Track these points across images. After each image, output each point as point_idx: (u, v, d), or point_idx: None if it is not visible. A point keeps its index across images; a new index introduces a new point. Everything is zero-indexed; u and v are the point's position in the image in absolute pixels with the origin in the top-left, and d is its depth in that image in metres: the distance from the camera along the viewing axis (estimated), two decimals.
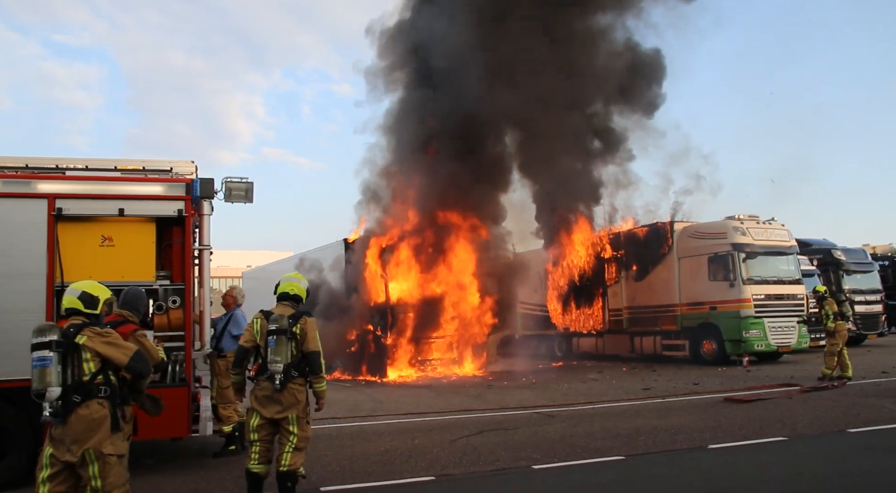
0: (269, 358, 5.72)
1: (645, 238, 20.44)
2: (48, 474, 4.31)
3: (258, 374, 5.86)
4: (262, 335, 5.84)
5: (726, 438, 8.18)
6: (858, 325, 22.11)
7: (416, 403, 12.42)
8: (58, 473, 4.32)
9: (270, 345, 5.73)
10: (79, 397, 4.32)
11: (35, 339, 4.33)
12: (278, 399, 5.74)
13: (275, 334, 5.74)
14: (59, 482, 4.33)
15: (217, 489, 6.60)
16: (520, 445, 8.17)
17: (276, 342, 5.73)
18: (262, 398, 5.78)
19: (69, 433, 4.29)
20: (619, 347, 21.17)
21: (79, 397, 4.32)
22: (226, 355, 8.52)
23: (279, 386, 5.71)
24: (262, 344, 5.85)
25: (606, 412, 10.75)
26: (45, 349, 4.28)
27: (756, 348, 17.54)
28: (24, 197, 7.06)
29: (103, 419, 4.37)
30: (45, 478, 4.31)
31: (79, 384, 4.35)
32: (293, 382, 5.78)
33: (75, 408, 4.31)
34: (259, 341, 5.88)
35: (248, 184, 8.11)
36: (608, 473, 6.86)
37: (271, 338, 5.74)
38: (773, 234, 18.51)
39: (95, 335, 4.44)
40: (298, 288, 6.14)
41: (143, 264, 7.35)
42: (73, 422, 4.29)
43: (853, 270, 23.40)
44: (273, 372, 5.69)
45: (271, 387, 5.73)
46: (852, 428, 8.52)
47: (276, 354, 5.70)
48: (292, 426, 5.74)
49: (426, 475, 6.85)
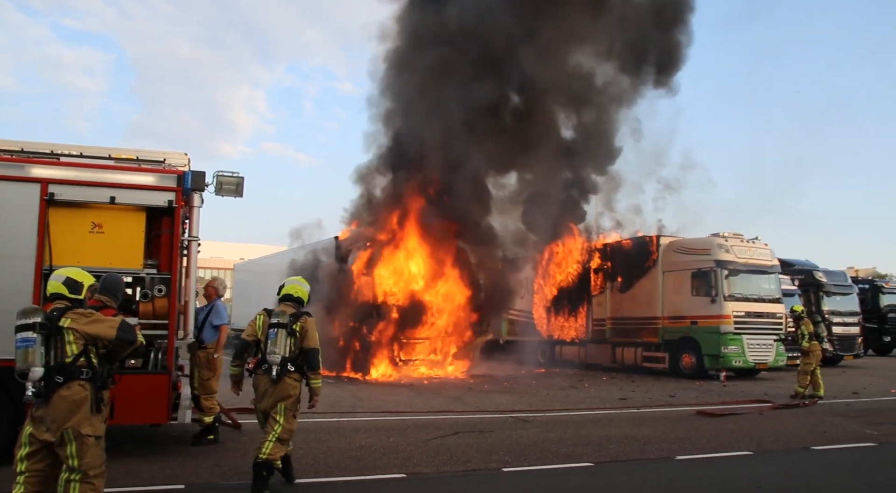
0: (267, 349, 6.06)
1: (631, 251, 20.70)
2: (26, 452, 4.46)
3: (256, 367, 6.22)
4: (264, 330, 6.20)
5: (694, 450, 8.37)
6: (836, 346, 22.49)
7: (395, 402, 12.58)
8: (36, 451, 4.47)
9: (270, 337, 6.08)
10: (61, 378, 4.47)
11: (19, 321, 4.48)
12: (272, 392, 6.06)
13: (275, 328, 6.11)
14: (36, 461, 4.48)
15: (192, 476, 6.72)
16: (492, 447, 8.34)
17: (276, 335, 6.08)
18: (260, 392, 6.15)
19: (50, 412, 4.44)
20: (601, 356, 21.39)
21: (61, 379, 4.47)
22: (206, 346, 8.66)
23: (276, 377, 6.03)
24: (262, 339, 6.19)
25: (581, 419, 10.94)
26: (28, 331, 4.44)
27: (734, 364, 17.80)
28: (18, 180, 7.16)
29: (84, 400, 4.52)
30: (23, 456, 4.47)
31: (61, 366, 4.50)
32: (289, 376, 6.10)
33: (57, 389, 4.45)
34: (260, 335, 6.22)
35: (239, 178, 8.24)
36: (575, 478, 7.04)
37: (272, 331, 6.10)
38: (755, 252, 18.79)
39: (79, 317, 4.59)
40: (301, 291, 6.52)
41: (131, 252, 7.47)
42: (55, 402, 4.44)
43: (833, 291, 23.81)
44: (271, 363, 6.03)
45: (268, 379, 6.08)
46: (816, 446, 8.73)
47: (274, 345, 6.05)
48: (279, 416, 6.05)
49: (398, 472, 6.99)
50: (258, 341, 6.26)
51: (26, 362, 4.40)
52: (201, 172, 7.82)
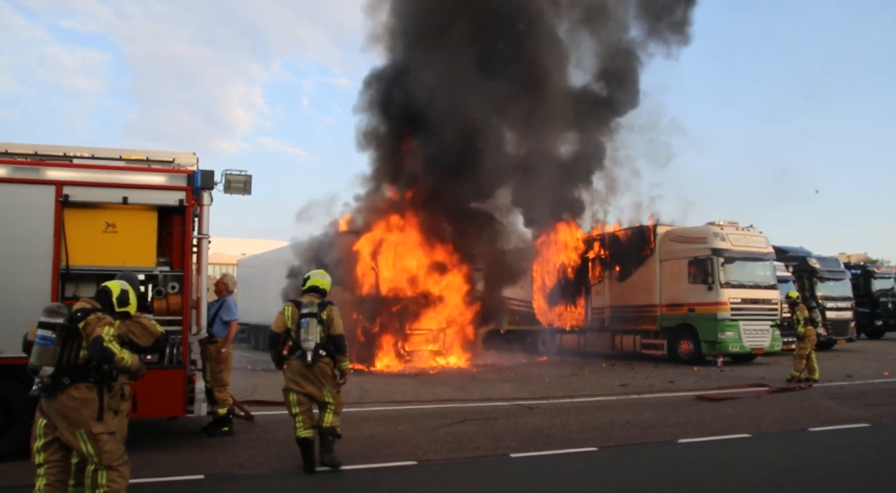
0: (301, 337, 6.70)
1: (629, 240, 20.95)
2: (42, 443, 4.64)
3: (290, 353, 6.82)
4: (294, 320, 6.84)
5: (695, 433, 8.62)
6: (829, 330, 22.83)
7: (401, 392, 12.82)
8: (51, 442, 4.65)
9: (303, 326, 6.72)
10: (69, 379, 4.60)
11: (43, 318, 4.63)
12: (312, 377, 6.74)
13: (307, 317, 6.75)
14: (53, 451, 4.66)
15: (210, 467, 6.94)
16: (499, 434, 8.58)
17: (308, 324, 6.73)
18: (296, 376, 6.74)
19: (55, 407, 4.59)
20: (600, 344, 21.66)
21: (68, 380, 4.60)
22: (216, 341, 8.86)
23: (311, 362, 6.68)
24: (292, 328, 6.82)
25: (584, 406, 11.19)
26: (48, 330, 4.60)
27: (731, 350, 18.11)
28: (34, 183, 7.35)
29: (90, 401, 4.65)
30: (39, 448, 4.65)
31: (73, 367, 4.64)
32: (321, 360, 6.76)
33: (65, 389, 4.58)
34: (290, 325, 6.84)
35: (247, 176, 8.43)
36: (582, 463, 7.29)
37: (304, 321, 6.74)
38: (751, 240, 19.07)
39: (93, 320, 4.71)
40: (325, 283, 7.17)
41: (144, 251, 7.66)
42: (61, 399, 4.59)
43: (826, 277, 24.16)
44: (305, 349, 6.68)
45: (299, 364, 6.72)
46: (813, 427, 9.00)
47: (307, 333, 6.70)
48: (328, 398, 6.80)
49: (408, 459, 7.21)
50: (288, 330, 6.85)
51: (40, 360, 4.56)
52: (210, 171, 7.99)
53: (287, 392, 6.82)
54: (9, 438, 7.03)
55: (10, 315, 6.88)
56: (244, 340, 25.96)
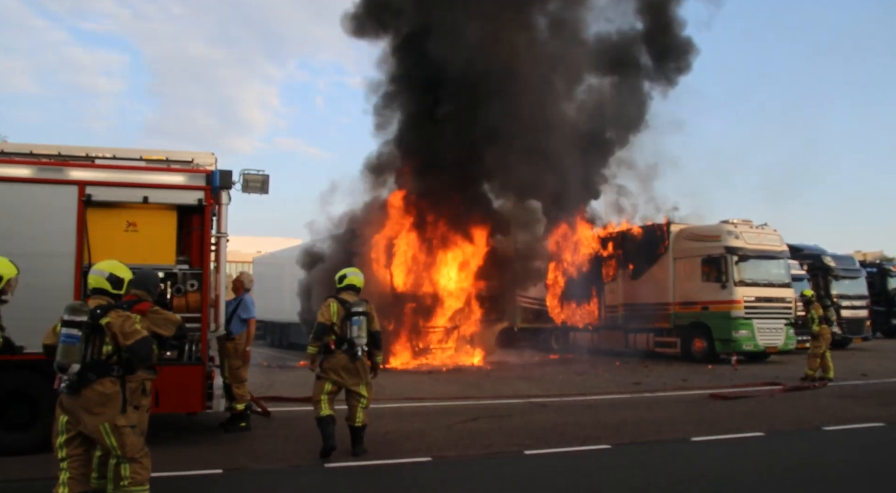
0: (355, 334, 7.13)
1: (642, 238, 20.93)
2: (64, 439, 4.77)
3: (337, 347, 7.21)
4: (339, 316, 7.23)
5: (708, 431, 8.64)
6: (844, 329, 22.71)
7: (416, 389, 12.93)
8: (73, 438, 4.77)
9: (356, 324, 7.15)
10: (94, 375, 4.72)
11: (67, 316, 4.72)
12: (355, 371, 7.21)
13: (360, 315, 7.20)
14: (75, 446, 4.78)
15: (228, 461, 7.06)
16: (513, 431, 8.66)
17: (361, 322, 7.18)
18: (339, 369, 7.19)
19: (80, 403, 4.71)
20: (614, 342, 21.68)
21: (94, 376, 4.72)
22: (234, 338, 8.99)
23: (360, 356, 7.18)
24: (337, 323, 7.21)
25: (597, 403, 11.25)
26: (74, 328, 4.68)
27: (745, 348, 18.07)
28: (57, 183, 7.50)
29: (114, 395, 4.78)
30: (61, 443, 4.77)
31: (97, 363, 4.75)
32: (365, 355, 7.27)
33: (90, 384, 4.71)
34: (335, 320, 7.22)
35: (265, 176, 8.56)
36: (594, 460, 7.35)
37: (356, 318, 7.17)
38: (765, 238, 19.01)
39: (118, 318, 4.84)
40: (360, 281, 7.66)
41: (164, 249, 7.78)
42: (85, 394, 4.70)
43: (841, 275, 24.01)
44: (359, 345, 7.15)
45: (346, 358, 7.17)
46: (827, 426, 9.01)
47: (361, 331, 7.16)
48: (364, 391, 7.27)
49: (423, 455, 7.31)
50: (333, 324, 7.22)
51: (68, 358, 4.64)
52: (228, 171, 8.12)
53: (323, 381, 7.22)
54: (32, 432, 7.17)
55: (34, 312, 6.96)
56: (260, 337, 26.18)
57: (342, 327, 7.20)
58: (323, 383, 7.23)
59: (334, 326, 7.22)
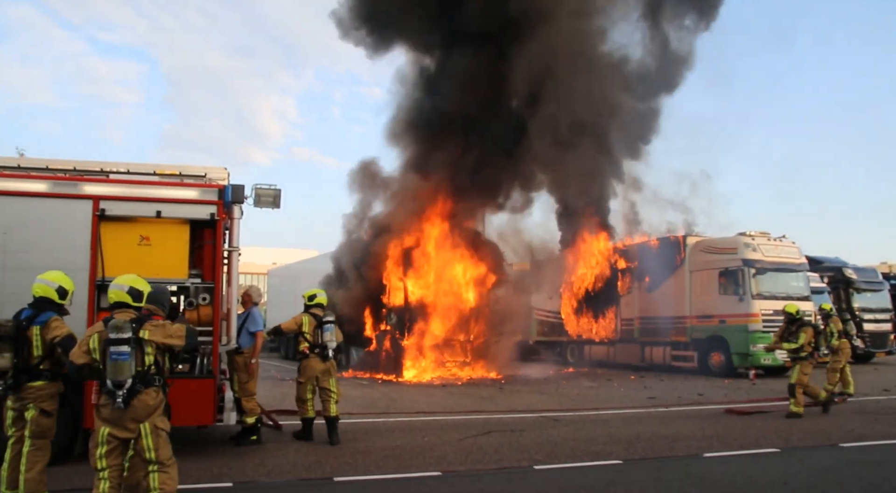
0: (327, 338, 8.88)
1: (658, 251, 20.80)
2: (105, 450, 4.94)
3: (311, 351, 8.91)
4: (311, 326, 8.95)
5: (722, 447, 8.54)
6: (867, 343, 22.32)
7: (428, 402, 12.90)
8: (114, 449, 4.96)
9: (328, 330, 8.91)
10: (142, 386, 4.97)
11: (113, 335, 4.89)
12: (326, 371, 8.86)
13: (331, 324, 8.97)
14: (115, 456, 5.00)
15: (239, 475, 7.08)
16: (524, 446, 8.61)
17: (332, 328, 8.95)
18: (316, 372, 8.86)
19: (130, 414, 4.91)
20: (629, 356, 21.53)
21: (142, 386, 4.97)
22: (242, 352, 9.03)
23: (329, 358, 8.89)
24: (308, 332, 8.94)
25: (610, 418, 11.15)
26: (124, 345, 4.89)
27: (763, 362, 17.85)
28: (72, 198, 7.63)
29: (160, 403, 5.10)
30: (102, 454, 4.94)
31: (143, 375, 4.97)
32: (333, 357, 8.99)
33: (138, 395, 4.93)
34: (306, 329, 8.94)
35: (277, 191, 8.62)
36: (605, 476, 7.27)
37: (328, 325, 8.93)
38: (783, 251, 18.81)
39: (154, 328, 5.06)
40: (325, 300, 9.42)
41: (176, 263, 7.87)
42: (135, 405, 4.93)
43: (863, 288, 23.63)
44: (330, 348, 8.89)
45: (319, 359, 8.86)
46: (844, 443, 8.85)
47: (332, 336, 8.93)
48: (333, 386, 8.87)
49: (433, 470, 7.28)
50: (302, 332, 8.96)
51: (123, 374, 4.86)
52: (241, 186, 8.21)
53: (305, 385, 8.88)
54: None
55: None
56: (275, 349, 26.33)
57: (314, 334, 8.87)
58: (305, 386, 8.84)
59: (305, 334, 8.89)
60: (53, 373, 5.87)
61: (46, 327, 5.77)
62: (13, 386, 5.72)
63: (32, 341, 5.76)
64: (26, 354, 5.75)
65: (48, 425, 5.84)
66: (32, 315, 5.83)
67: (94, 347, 4.96)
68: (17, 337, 5.73)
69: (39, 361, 5.78)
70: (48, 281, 5.98)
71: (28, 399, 5.76)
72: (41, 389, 5.79)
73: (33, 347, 5.76)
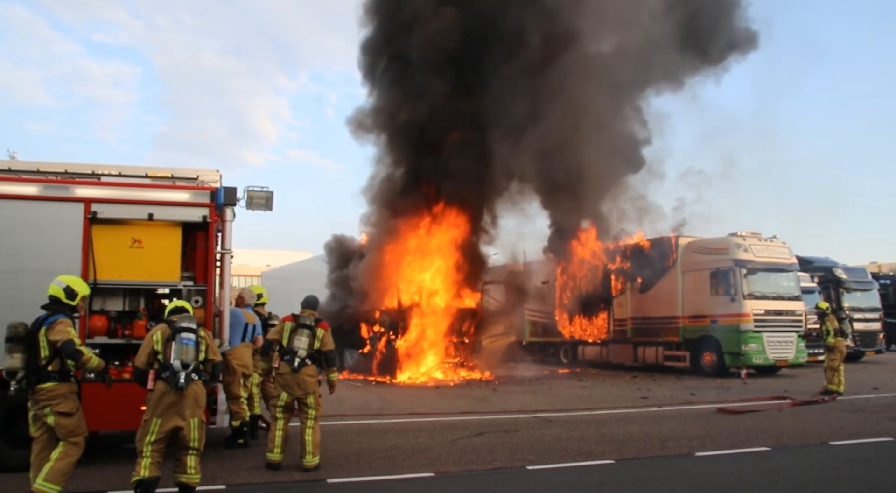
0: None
1: (650, 251, 20.88)
2: (154, 438, 5.78)
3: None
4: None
5: (713, 446, 8.59)
6: (857, 342, 22.50)
7: (422, 404, 12.92)
8: (161, 438, 5.82)
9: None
10: (196, 375, 5.90)
11: (186, 324, 5.94)
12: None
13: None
14: (159, 442, 5.83)
15: (232, 477, 7.09)
16: (517, 446, 8.63)
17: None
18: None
19: (185, 402, 5.82)
20: (622, 356, 21.59)
21: (195, 376, 5.89)
22: (225, 353, 9.00)
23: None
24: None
25: (603, 418, 11.19)
26: (192, 334, 5.91)
27: (754, 362, 17.95)
28: (64, 200, 7.61)
29: (204, 395, 6.05)
30: (150, 441, 5.77)
31: (196, 366, 5.92)
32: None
33: (192, 383, 5.83)
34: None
35: (269, 193, 8.62)
36: (597, 475, 7.30)
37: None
38: (774, 251, 18.92)
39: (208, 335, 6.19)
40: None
41: (168, 266, 7.88)
42: (188, 394, 5.82)
43: (853, 288, 23.88)
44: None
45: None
46: (834, 441, 8.91)
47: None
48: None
49: (426, 471, 7.30)
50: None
51: (190, 357, 5.83)
52: (233, 188, 8.20)
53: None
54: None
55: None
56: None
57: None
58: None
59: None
60: (63, 374, 5.96)
61: (51, 329, 5.86)
62: (25, 387, 5.87)
63: (40, 342, 5.87)
64: (35, 355, 5.87)
65: (73, 424, 5.93)
66: (45, 317, 5.97)
67: (156, 339, 5.88)
68: (29, 339, 5.89)
69: (47, 362, 5.87)
70: (57, 281, 6.21)
71: (42, 402, 5.85)
72: (51, 390, 5.86)
73: (40, 348, 5.86)
